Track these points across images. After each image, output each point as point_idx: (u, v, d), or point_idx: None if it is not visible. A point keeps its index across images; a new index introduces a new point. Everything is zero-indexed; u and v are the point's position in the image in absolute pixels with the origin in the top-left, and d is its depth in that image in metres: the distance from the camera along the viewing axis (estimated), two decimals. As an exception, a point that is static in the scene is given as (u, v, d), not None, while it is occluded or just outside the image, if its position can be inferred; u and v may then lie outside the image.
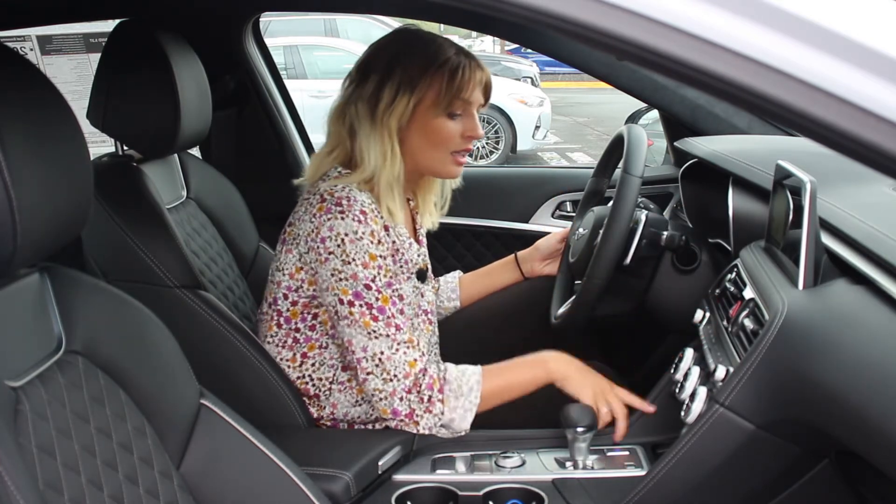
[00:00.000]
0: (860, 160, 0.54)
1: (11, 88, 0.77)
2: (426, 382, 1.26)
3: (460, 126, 1.33)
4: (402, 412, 1.26)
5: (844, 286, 0.97)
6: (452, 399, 1.26)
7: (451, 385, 1.27)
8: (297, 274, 1.32)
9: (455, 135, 1.32)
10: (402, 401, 1.26)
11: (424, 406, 1.26)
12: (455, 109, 1.31)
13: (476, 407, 1.27)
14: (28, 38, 2.81)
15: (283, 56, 7.08)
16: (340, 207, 1.24)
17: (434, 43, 1.32)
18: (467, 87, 1.30)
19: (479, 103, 1.35)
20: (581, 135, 9.71)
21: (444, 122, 1.31)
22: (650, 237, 1.40)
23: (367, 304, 1.24)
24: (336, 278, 1.25)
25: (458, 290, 1.70)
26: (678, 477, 1.06)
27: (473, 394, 1.27)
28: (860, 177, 1.21)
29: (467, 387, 1.27)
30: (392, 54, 1.32)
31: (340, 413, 1.37)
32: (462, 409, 1.27)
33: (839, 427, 0.86)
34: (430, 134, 1.31)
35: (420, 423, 1.27)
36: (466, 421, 1.28)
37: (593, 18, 0.52)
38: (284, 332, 1.37)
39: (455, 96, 1.30)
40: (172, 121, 1.41)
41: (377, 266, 1.25)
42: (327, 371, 1.37)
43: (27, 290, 0.84)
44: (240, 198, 1.79)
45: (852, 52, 0.51)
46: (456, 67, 1.29)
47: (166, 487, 0.92)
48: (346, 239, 1.23)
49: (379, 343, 1.25)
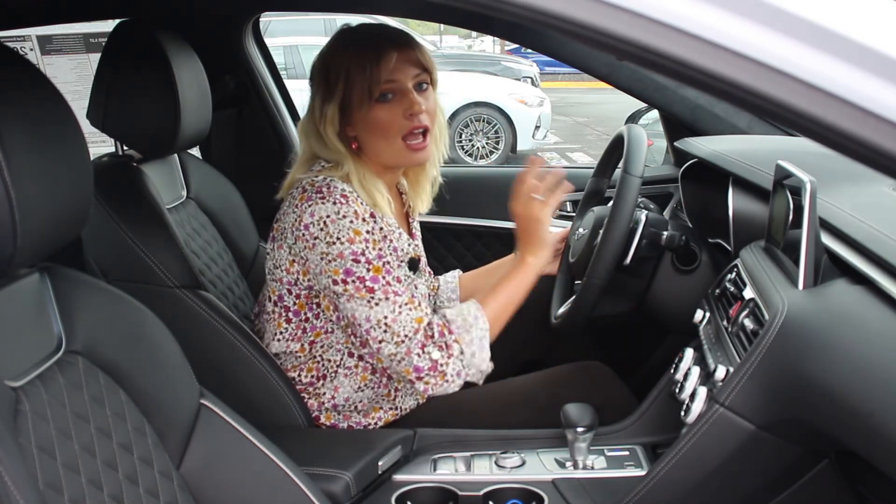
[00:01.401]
0: (860, 160, 0.53)
1: (11, 88, 0.77)
2: (436, 330, 1.27)
3: (397, 107, 1.29)
4: (425, 367, 1.26)
5: (844, 286, 0.97)
6: (465, 333, 1.28)
7: (456, 322, 1.29)
8: (291, 267, 1.33)
9: (394, 118, 1.29)
10: (420, 356, 1.26)
11: (444, 352, 1.27)
12: (383, 93, 1.28)
13: (489, 332, 1.30)
14: (28, 38, 2.81)
15: (283, 56, 7.07)
16: (321, 194, 1.25)
17: (353, 38, 1.32)
18: (381, 67, 1.27)
19: (411, 78, 1.30)
20: (581, 135, 9.71)
21: (377, 109, 1.29)
22: (650, 237, 1.40)
23: (359, 278, 1.25)
24: (325, 261, 1.26)
25: (458, 291, 1.70)
26: (678, 477, 1.06)
27: (480, 321, 1.30)
28: (860, 177, 1.21)
29: (472, 317, 1.30)
30: (319, 63, 1.34)
31: (341, 398, 1.37)
32: (478, 339, 1.29)
33: (839, 427, 0.86)
34: (372, 126, 1.30)
35: (447, 372, 1.27)
36: (485, 351, 1.30)
37: (593, 18, 0.52)
38: (294, 325, 1.37)
39: (373, 82, 1.27)
40: (172, 121, 1.41)
41: (363, 240, 1.25)
42: (335, 354, 1.38)
43: (27, 290, 0.84)
44: (240, 198, 1.79)
45: (852, 52, 0.51)
46: (364, 54, 1.28)
47: (166, 487, 0.92)
48: (327, 220, 1.24)
49: (381, 309, 1.25)
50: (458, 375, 1.28)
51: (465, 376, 1.29)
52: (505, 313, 1.35)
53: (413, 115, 1.29)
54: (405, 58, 1.30)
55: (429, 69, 1.33)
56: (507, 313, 1.35)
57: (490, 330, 1.31)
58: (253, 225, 1.80)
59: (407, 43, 1.32)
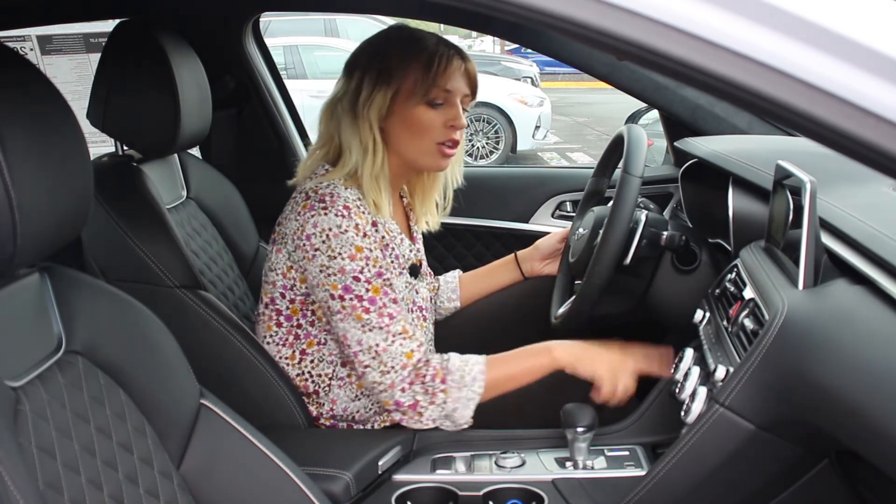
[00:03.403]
0: (860, 160, 0.53)
1: (11, 88, 0.77)
2: (430, 373, 1.26)
3: (442, 115, 1.31)
4: (406, 403, 1.26)
5: (844, 286, 0.97)
6: (455, 390, 1.26)
7: (453, 375, 1.27)
8: (288, 273, 1.33)
9: (436, 124, 1.31)
10: (404, 392, 1.26)
11: (429, 398, 1.26)
12: (435, 98, 1.30)
13: (479, 397, 1.27)
14: (28, 38, 2.81)
15: (283, 56, 7.07)
16: (323, 204, 1.25)
17: (415, 36, 1.33)
18: (444, 74, 1.29)
19: (462, 93, 1.33)
20: (581, 135, 9.71)
21: (424, 110, 1.30)
22: (650, 237, 1.40)
23: (357, 297, 1.24)
24: (324, 274, 1.25)
25: (459, 291, 1.70)
26: (678, 477, 1.06)
27: (477, 384, 1.27)
28: (860, 177, 1.21)
29: (470, 377, 1.27)
30: (374, 50, 1.33)
31: (340, 409, 1.37)
32: (465, 398, 1.27)
33: (839, 427, 0.86)
34: (411, 124, 1.31)
35: (424, 415, 1.27)
36: (469, 410, 1.27)
37: (593, 18, 0.52)
38: (286, 329, 1.37)
39: (432, 84, 1.29)
40: (172, 121, 1.41)
41: (364, 258, 1.25)
42: (326, 367, 1.37)
43: (27, 290, 0.84)
44: (240, 198, 1.79)
45: (852, 52, 0.51)
46: (432, 55, 1.29)
47: (166, 487, 0.92)
48: (330, 234, 1.24)
49: (373, 335, 1.25)
50: (433, 421, 1.28)
51: (440, 425, 1.29)
52: (506, 386, 1.31)
53: (455, 127, 1.32)
54: (466, 73, 1.33)
55: (475, 92, 1.36)
56: (508, 387, 1.31)
57: (483, 395, 1.28)
58: (253, 225, 1.80)
59: (470, 60, 1.34)
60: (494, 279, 1.72)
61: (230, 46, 2.03)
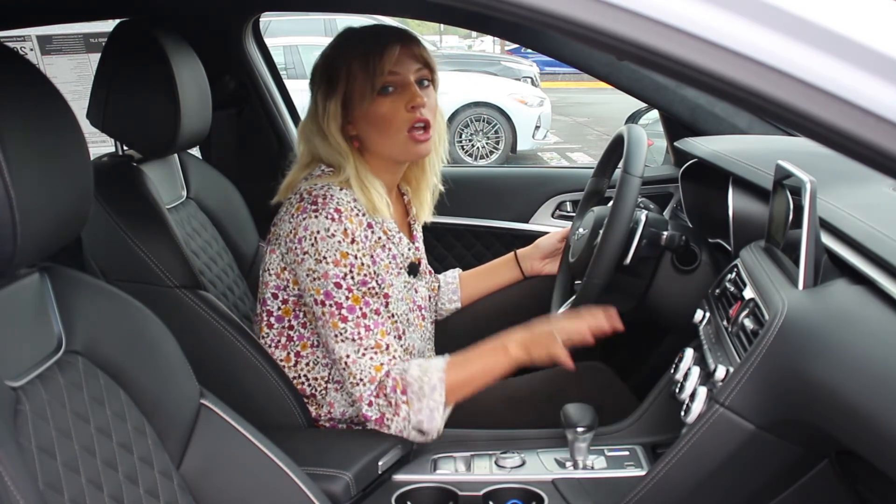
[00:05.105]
0: (860, 160, 0.53)
1: (11, 88, 0.77)
2: (390, 385, 1.24)
3: (399, 100, 1.29)
4: (372, 417, 1.25)
5: (844, 286, 0.97)
6: (416, 401, 1.23)
7: (412, 387, 1.23)
8: (282, 274, 1.33)
9: (397, 111, 1.29)
10: (370, 406, 1.25)
11: (392, 409, 1.24)
12: (384, 85, 1.28)
13: (442, 405, 1.24)
14: (28, 38, 2.81)
15: (283, 56, 7.07)
16: (315, 206, 1.25)
17: (356, 36, 1.33)
18: (383, 60, 1.27)
19: (413, 71, 1.30)
20: (581, 135, 9.71)
21: (380, 102, 1.29)
22: (650, 237, 1.40)
23: (336, 304, 1.25)
24: (311, 278, 1.26)
25: (459, 291, 1.70)
26: (678, 477, 1.06)
27: (437, 392, 1.23)
28: (860, 177, 1.21)
29: (429, 386, 1.23)
30: (320, 63, 1.34)
31: (338, 412, 1.37)
32: (427, 409, 1.23)
33: (839, 427, 0.86)
34: (374, 120, 1.30)
35: (391, 427, 1.26)
36: (435, 420, 1.24)
37: (593, 18, 0.52)
38: (277, 331, 1.37)
39: (375, 73, 1.28)
40: (172, 121, 1.41)
41: (349, 264, 1.25)
42: (322, 370, 1.37)
43: (27, 290, 0.84)
44: (240, 198, 1.79)
45: (852, 52, 0.51)
46: (367, 48, 1.28)
47: (166, 487, 0.92)
48: (318, 237, 1.24)
49: (345, 346, 1.25)
50: (400, 433, 1.26)
51: (409, 436, 1.26)
52: (468, 388, 1.28)
53: (415, 107, 1.29)
54: (408, 52, 1.31)
55: (430, 66, 1.34)
56: (470, 389, 1.28)
57: (447, 400, 1.25)
58: (253, 225, 1.80)
59: (409, 38, 1.33)
60: (495, 277, 1.72)
61: (230, 46, 2.03)
